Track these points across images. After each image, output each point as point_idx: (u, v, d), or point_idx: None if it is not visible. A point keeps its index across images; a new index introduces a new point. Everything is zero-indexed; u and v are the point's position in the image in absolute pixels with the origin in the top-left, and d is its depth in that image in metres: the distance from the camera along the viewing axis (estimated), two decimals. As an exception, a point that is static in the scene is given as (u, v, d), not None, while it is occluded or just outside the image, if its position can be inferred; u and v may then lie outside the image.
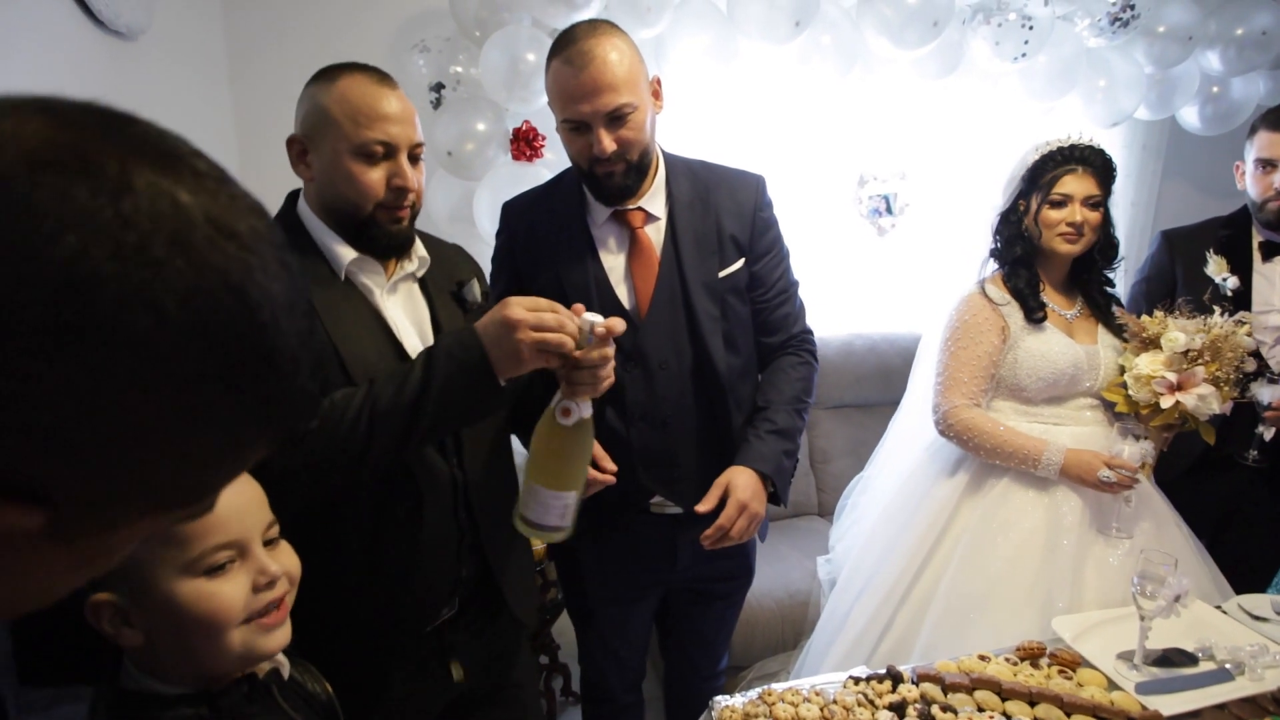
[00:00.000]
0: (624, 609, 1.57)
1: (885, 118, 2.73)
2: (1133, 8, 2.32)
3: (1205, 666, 1.26)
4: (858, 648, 1.62)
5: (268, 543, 0.80)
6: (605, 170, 1.33)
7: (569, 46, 1.28)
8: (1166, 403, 1.52)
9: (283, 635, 0.80)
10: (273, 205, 1.22)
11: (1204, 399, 1.50)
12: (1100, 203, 1.66)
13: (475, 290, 1.25)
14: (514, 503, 1.13)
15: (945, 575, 1.58)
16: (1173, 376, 1.52)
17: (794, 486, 2.63)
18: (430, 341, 1.17)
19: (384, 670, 1.15)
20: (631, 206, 1.40)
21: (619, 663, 1.63)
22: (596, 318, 1.01)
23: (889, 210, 2.89)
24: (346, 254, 1.11)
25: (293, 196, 1.18)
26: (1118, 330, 1.67)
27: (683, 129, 2.52)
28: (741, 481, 1.36)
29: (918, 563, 1.63)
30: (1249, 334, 1.55)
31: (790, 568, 2.30)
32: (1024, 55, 2.32)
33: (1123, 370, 1.61)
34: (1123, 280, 2.84)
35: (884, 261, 2.92)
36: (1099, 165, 1.65)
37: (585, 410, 1.04)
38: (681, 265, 1.40)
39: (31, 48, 1.43)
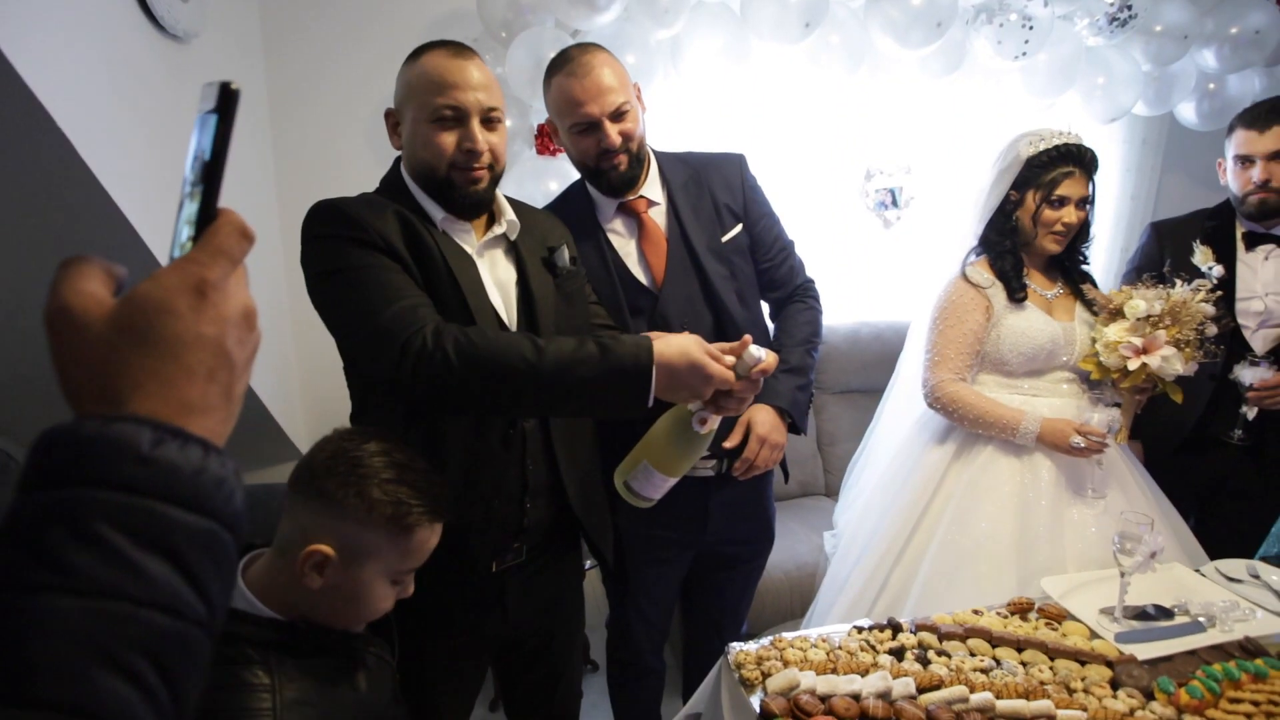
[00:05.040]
0: (658, 571, 1.71)
1: (891, 114, 2.84)
2: (1130, 8, 2.42)
3: (1180, 620, 1.38)
4: (857, 606, 1.75)
5: None
6: (611, 163, 1.49)
7: (569, 63, 1.47)
8: (1134, 365, 1.65)
9: None
10: (302, 194, 1.37)
11: (1167, 360, 1.63)
12: (1088, 202, 1.76)
13: (565, 256, 1.38)
14: (590, 452, 1.36)
15: (935, 536, 1.72)
16: (1138, 341, 1.65)
17: (802, 468, 2.80)
18: (513, 303, 1.30)
19: (447, 606, 1.27)
20: (633, 196, 1.56)
21: (648, 624, 1.76)
22: (761, 352, 1.11)
23: (895, 203, 2.99)
24: (438, 214, 1.25)
25: (399, 160, 1.33)
26: (1090, 305, 1.80)
27: (697, 125, 2.63)
28: (761, 418, 1.53)
29: (910, 525, 1.77)
30: (1204, 300, 1.66)
31: (798, 542, 2.42)
32: (1025, 54, 2.41)
33: (1095, 341, 1.74)
34: (1112, 269, 2.95)
35: (890, 252, 3.02)
36: (1090, 164, 1.75)
37: (716, 423, 1.16)
38: (687, 236, 1.57)
39: (94, 42, 1.55)
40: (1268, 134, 1.90)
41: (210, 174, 0.49)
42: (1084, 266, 1.86)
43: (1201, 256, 2.01)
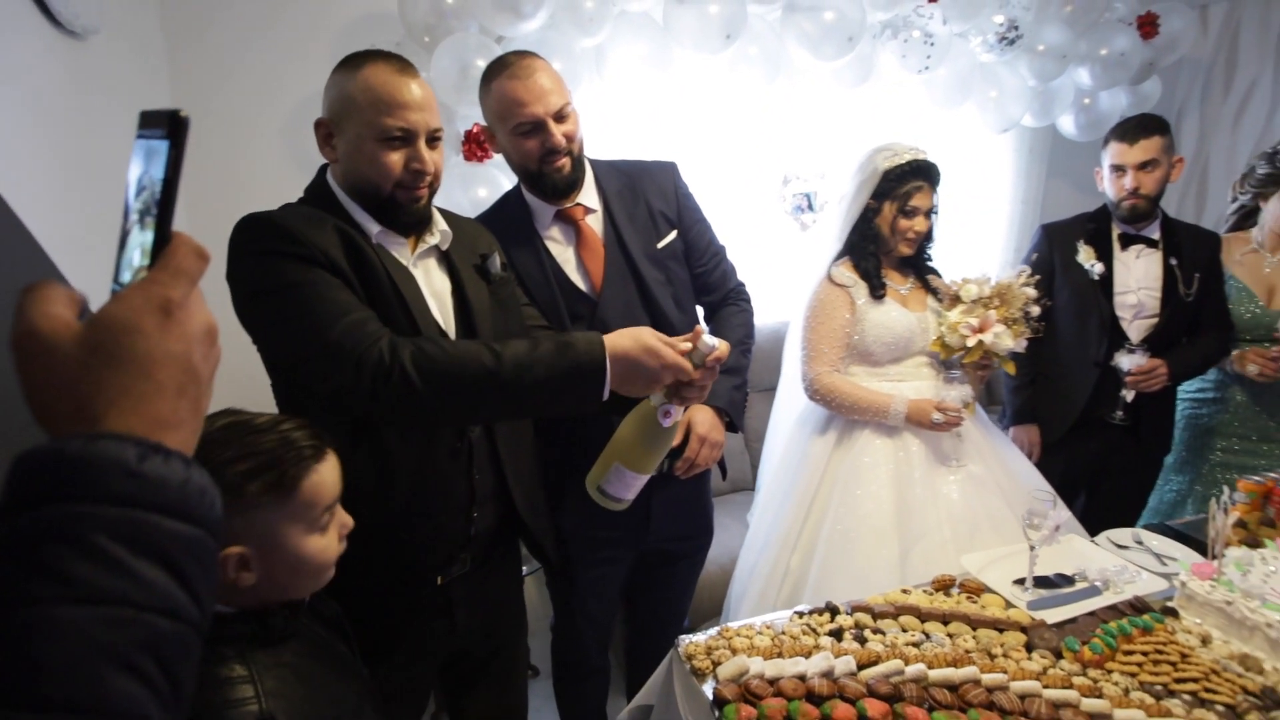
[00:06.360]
0: (602, 571, 1.73)
1: (807, 122, 2.97)
2: (1017, 28, 2.63)
3: (1080, 585, 1.52)
4: (766, 594, 1.88)
5: None
6: (555, 165, 1.50)
7: (509, 67, 1.48)
8: (971, 342, 1.86)
9: None
10: (214, 203, 1.31)
11: (999, 336, 1.85)
12: (934, 211, 1.96)
13: (496, 262, 1.38)
14: (531, 456, 1.36)
15: (826, 519, 1.87)
16: (975, 321, 1.87)
17: (733, 465, 2.89)
18: (450, 313, 1.29)
19: (395, 621, 1.26)
20: (570, 204, 1.58)
21: (594, 624, 1.79)
22: (714, 341, 1.12)
23: (811, 207, 3.13)
24: (373, 227, 1.23)
25: (324, 168, 1.29)
26: (936, 294, 2.01)
27: (622, 132, 2.67)
28: (700, 418, 1.59)
29: (804, 512, 1.92)
30: (1026, 284, 1.90)
31: (732, 536, 2.49)
32: (927, 68, 2.59)
33: (940, 324, 1.94)
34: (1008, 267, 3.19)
35: (808, 254, 3.15)
36: (936, 178, 1.95)
37: (680, 414, 1.18)
38: (624, 243, 1.60)
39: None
40: (1136, 146, 2.12)
41: (164, 201, 0.50)
42: (929, 264, 2.08)
43: (1085, 255, 2.23)
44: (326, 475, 0.91)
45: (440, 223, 1.32)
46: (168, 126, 0.50)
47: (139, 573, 0.42)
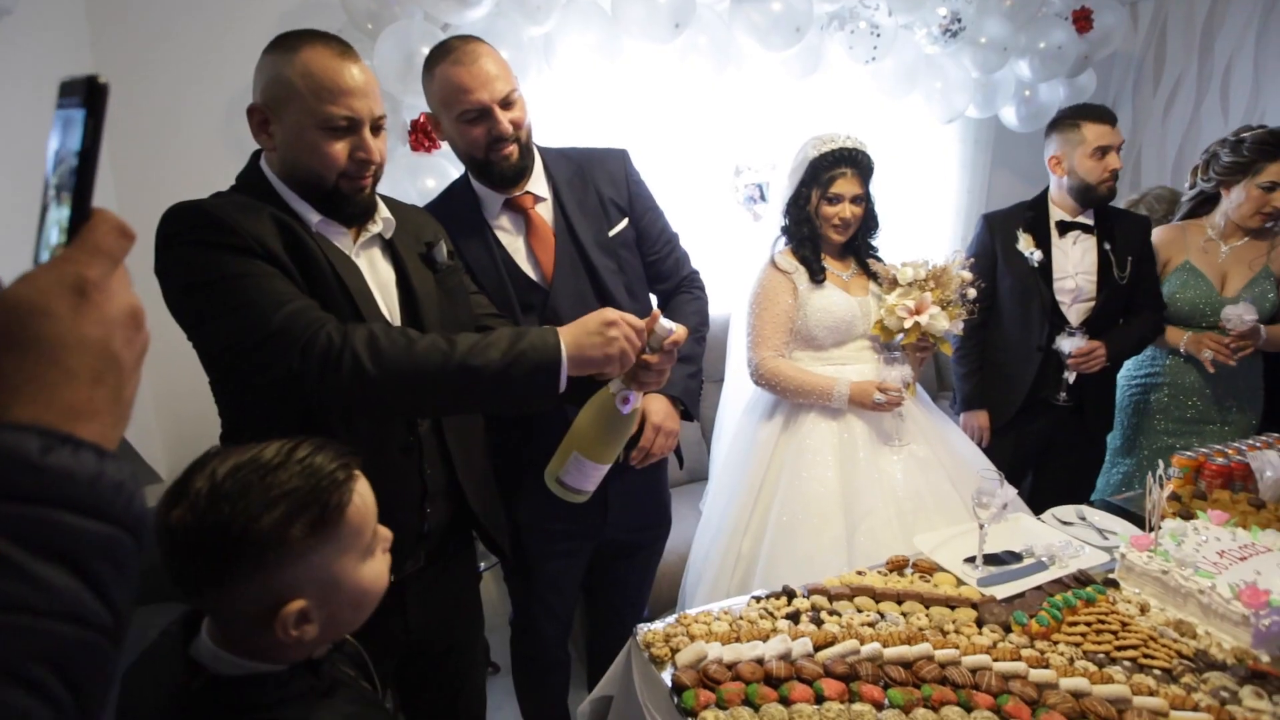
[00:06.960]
0: (561, 564, 1.71)
1: (757, 112, 2.98)
2: (960, 21, 2.69)
3: (1027, 561, 1.56)
4: (719, 580, 1.90)
5: None
6: (502, 153, 1.47)
7: (453, 52, 1.44)
8: (909, 324, 1.92)
9: None
10: (144, 191, 1.24)
11: (934, 317, 1.91)
12: (864, 198, 1.99)
13: (443, 250, 1.34)
14: (482, 450, 1.32)
15: (774, 502, 1.90)
16: (911, 303, 1.92)
17: (689, 455, 2.89)
18: (394, 303, 1.26)
19: None
20: (519, 192, 1.55)
21: (554, 618, 1.77)
22: (672, 325, 1.11)
23: (763, 198, 3.15)
24: (313, 217, 1.17)
25: (257, 154, 1.22)
26: (876, 279, 2.06)
27: (571, 122, 2.64)
28: (655, 407, 1.58)
29: (753, 497, 1.95)
30: (961, 266, 1.96)
31: (689, 527, 2.49)
32: (874, 59, 2.62)
33: (881, 308, 1.99)
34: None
35: (760, 244, 3.17)
36: (864, 165, 1.98)
37: (639, 400, 1.16)
38: (574, 231, 1.58)
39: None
40: (1115, 129, 2.19)
41: (82, 174, 0.47)
42: (873, 253, 2.10)
43: (1024, 243, 2.29)
44: (365, 493, 0.84)
45: (383, 210, 1.28)
46: (84, 94, 0.47)
47: (38, 575, 0.39)
